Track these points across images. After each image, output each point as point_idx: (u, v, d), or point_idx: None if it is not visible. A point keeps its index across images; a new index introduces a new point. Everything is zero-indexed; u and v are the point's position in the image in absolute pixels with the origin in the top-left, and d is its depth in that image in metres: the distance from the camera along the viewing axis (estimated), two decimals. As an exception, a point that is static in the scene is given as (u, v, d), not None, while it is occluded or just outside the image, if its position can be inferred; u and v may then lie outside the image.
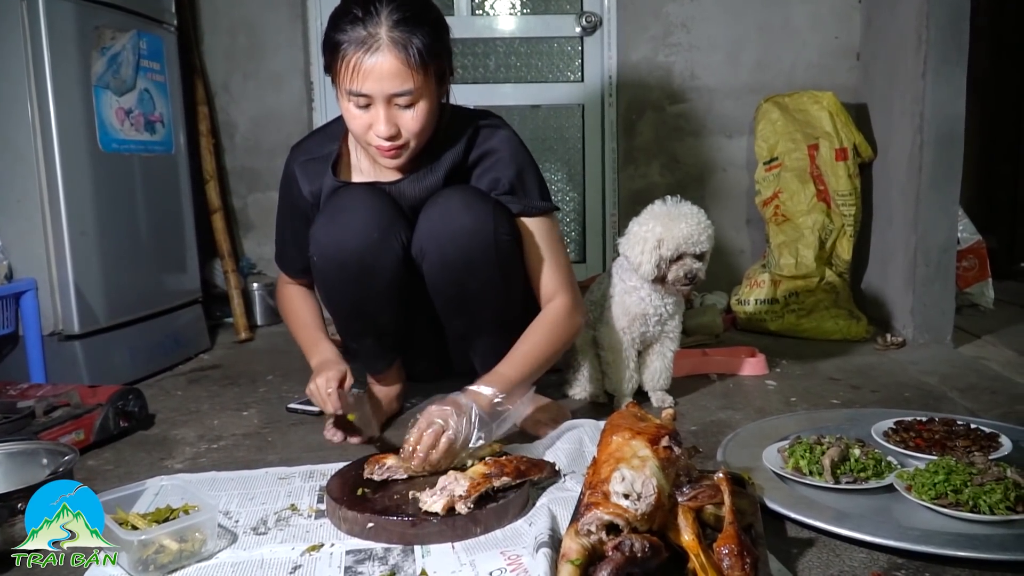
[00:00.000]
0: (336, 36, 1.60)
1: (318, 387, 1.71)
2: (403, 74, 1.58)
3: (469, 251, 1.70)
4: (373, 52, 1.56)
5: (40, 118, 2.20)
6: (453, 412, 1.51)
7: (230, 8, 3.30)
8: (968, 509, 1.31)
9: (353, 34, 1.57)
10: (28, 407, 1.79)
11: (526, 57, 3.46)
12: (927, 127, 2.63)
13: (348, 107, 1.64)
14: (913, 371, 2.39)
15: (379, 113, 1.62)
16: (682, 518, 1.20)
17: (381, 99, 1.60)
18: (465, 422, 1.51)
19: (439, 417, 1.51)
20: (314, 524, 1.42)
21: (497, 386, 1.62)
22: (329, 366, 1.74)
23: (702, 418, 1.99)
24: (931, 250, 2.68)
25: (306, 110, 3.36)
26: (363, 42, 1.57)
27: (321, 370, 1.74)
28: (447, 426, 1.50)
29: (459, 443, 1.50)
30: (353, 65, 1.57)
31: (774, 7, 3.29)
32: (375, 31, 1.56)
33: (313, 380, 1.73)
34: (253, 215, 3.43)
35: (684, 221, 1.92)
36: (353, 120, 1.65)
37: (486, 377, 1.67)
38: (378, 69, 1.57)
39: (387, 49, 1.57)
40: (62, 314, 2.29)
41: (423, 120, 1.66)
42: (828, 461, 1.46)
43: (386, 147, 1.66)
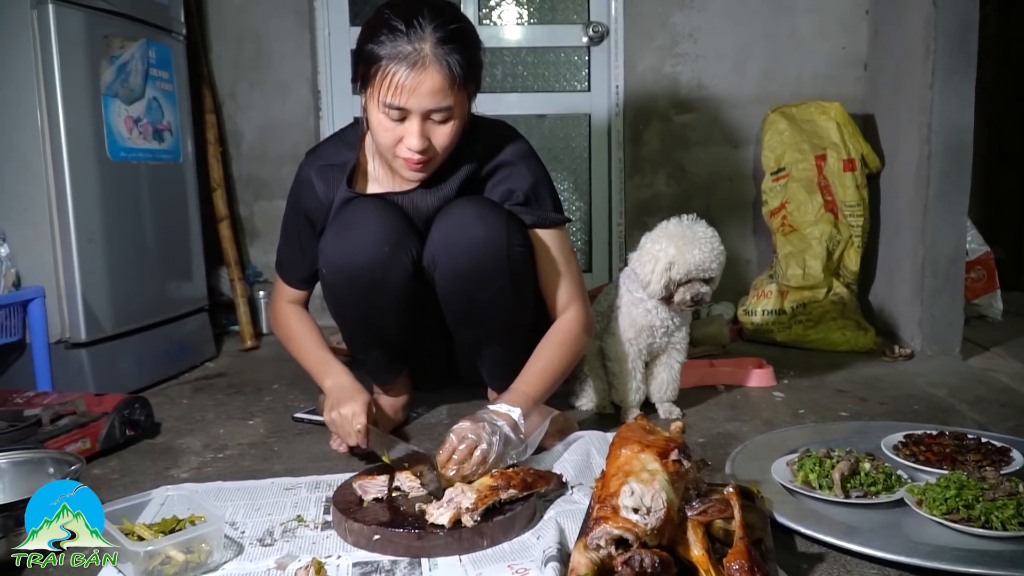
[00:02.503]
0: (375, 48, 1.58)
1: (343, 418, 1.69)
2: (445, 91, 1.58)
3: (482, 262, 1.69)
4: (418, 68, 1.55)
5: (49, 126, 2.21)
6: (485, 428, 1.51)
7: (238, 17, 3.31)
8: (980, 525, 1.30)
9: (395, 48, 1.56)
10: (35, 415, 1.79)
11: (533, 66, 3.46)
12: (935, 138, 2.63)
13: (380, 119, 1.63)
14: (921, 383, 2.38)
15: (413, 127, 1.61)
16: (691, 533, 1.19)
17: (418, 114, 1.60)
18: (497, 439, 1.51)
19: (472, 433, 1.51)
20: (320, 536, 1.41)
21: (519, 404, 1.61)
22: (351, 395, 1.72)
23: (709, 430, 1.98)
24: (939, 261, 2.67)
25: (313, 119, 3.36)
26: (407, 57, 1.55)
27: (341, 399, 1.71)
28: (480, 440, 1.49)
29: (490, 459, 1.50)
30: (395, 79, 1.56)
31: (781, 17, 3.30)
32: (420, 46, 1.56)
33: (333, 409, 1.70)
34: (259, 223, 3.43)
35: (698, 247, 1.91)
36: (384, 132, 1.64)
37: (506, 395, 1.66)
38: (422, 85, 1.56)
39: (432, 65, 1.56)
40: (69, 322, 2.29)
41: (454, 135, 1.66)
42: (838, 475, 1.45)
43: (415, 160, 1.66)
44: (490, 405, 1.63)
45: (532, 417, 1.62)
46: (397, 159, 1.68)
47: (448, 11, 1.62)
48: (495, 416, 1.56)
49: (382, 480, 1.48)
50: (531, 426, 1.61)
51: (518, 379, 1.72)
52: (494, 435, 1.51)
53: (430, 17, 1.57)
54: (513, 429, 1.55)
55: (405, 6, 1.60)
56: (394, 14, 1.59)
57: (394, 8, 1.61)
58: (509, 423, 1.56)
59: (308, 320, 1.96)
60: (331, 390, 1.76)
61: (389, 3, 1.64)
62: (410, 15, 1.57)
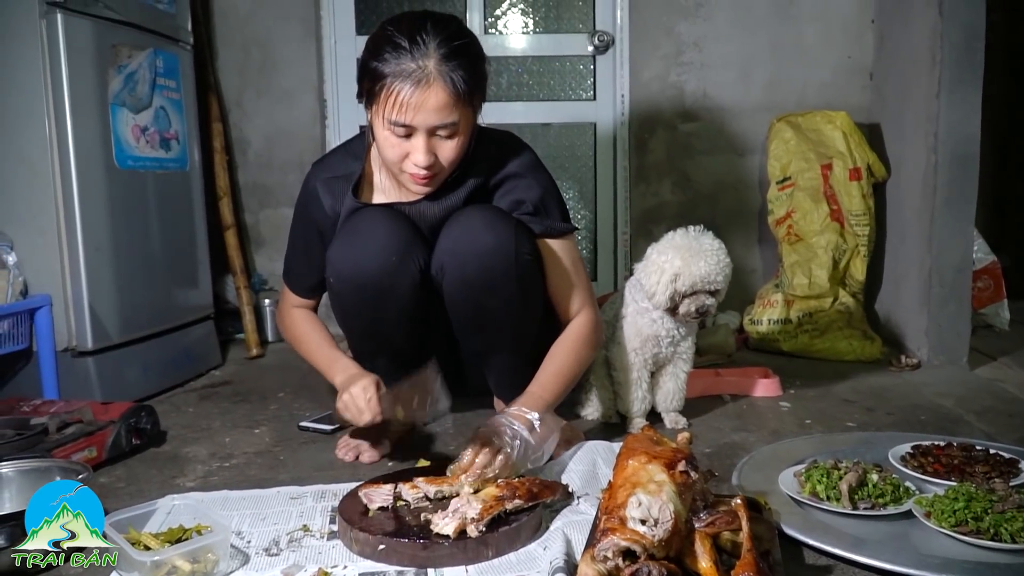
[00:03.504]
0: (379, 66, 1.58)
1: (353, 397, 1.67)
2: (450, 107, 1.59)
3: (490, 270, 1.69)
4: (422, 85, 1.56)
5: (57, 135, 2.22)
6: (506, 433, 1.52)
7: (244, 25, 3.32)
8: (989, 537, 1.30)
9: (399, 65, 1.56)
10: (41, 424, 1.79)
11: (538, 75, 3.47)
12: (941, 147, 2.62)
13: (386, 135, 1.63)
14: (928, 393, 2.37)
15: (419, 143, 1.61)
16: (699, 544, 1.19)
17: (424, 130, 1.60)
18: (518, 444, 1.52)
19: (494, 437, 1.52)
20: (326, 545, 1.41)
21: (536, 408, 1.62)
22: (359, 377, 1.72)
23: (716, 440, 1.97)
24: (946, 271, 2.67)
25: (319, 127, 3.37)
26: (411, 74, 1.56)
27: (350, 383, 1.71)
28: (502, 444, 1.51)
29: (511, 464, 1.51)
30: (400, 97, 1.56)
31: (786, 26, 3.30)
32: (424, 63, 1.56)
33: (345, 392, 1.69)
34: (265, 231, 3.44)
35: (704, 259, 1.90)
36: (391, 148, 1.64)
37: (522, 398, 1.67)
38: (427, 102, 1.56)
39: (436, 82, 1.56)
40: (76, 330, 2.30)
41: (460, 150, 1.66)
42: (846, 486, 1.45)
43: (421, 175, 1.66)
44: (508, 408, 1.64)
45: (546, 421, 1.63)
46: (404, 174, 1.68)
47: (451, 25, 1.63)
48: (514, 420, 1.57)
49: (387, 489, 1.48)
50: (545, 431, 1.61)
51: (532, 382, 1.72)
52: (515, 439, 1.52)
53: (434, 33, 1.57)
54: (531, 432, 1.56)
55: (408, 22, 1.60)
56: (397, 30, 1.59)
57: (397, 24, 1.61)
58: (527, 426, 1.57)
59: (316, 321, 1.96)
60: (343, 384, 1.75)
61: (392, 18, 1.64)
62: (413, 31, 1.57)
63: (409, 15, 1.65)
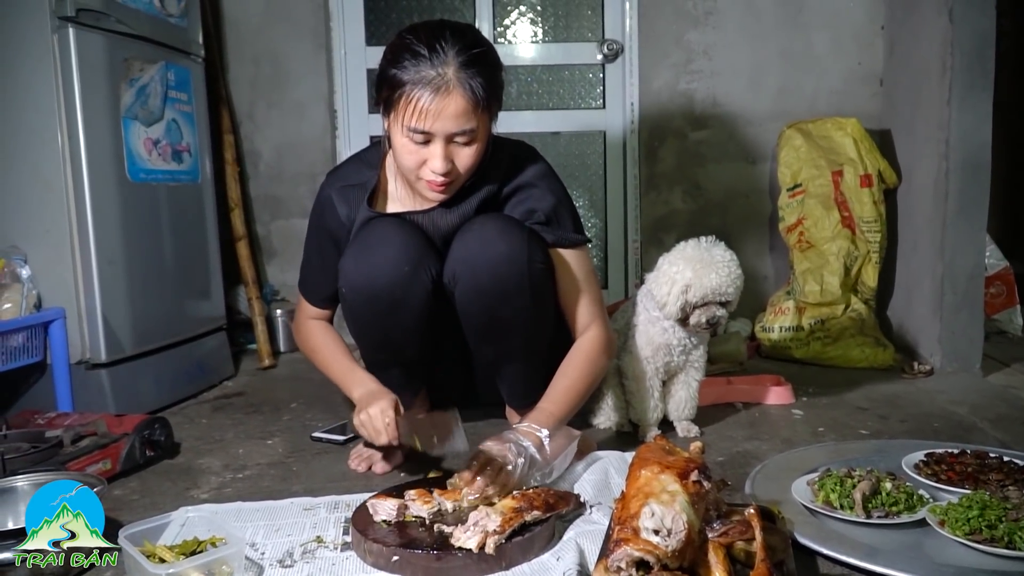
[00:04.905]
0: (398, 73, 1.60)
1: (371, 417, 1.67)
2: (468, 114, 1.60)
3: (503, 278, 1.69)
4: (442, 92, 1.57)
5: (70, 148, 2.23)
6: (511, 450, 1.52)
7: (255, 38, 3.34)
8: (1003, 545, 1.29)
9: (418, 72, 1.57)
10: (56, 436, 1.80)
11: (548, 84, 3.48)
12: (953, 154, 2.62)
13: (404, 142, 1.64)
14: (941, 400, 2.36)
15: (437, 150, 1.62)
16: (712, 555, 1.19)
17: (442, 137, 1.61)
18: (523, 461, 1.52)
19: (498, 453, 1.51)
20: (340, 556, 1.41)
21: (546, 424, 1.62)
22: (378, 396, 1.72)
23: (728, 449, 1.97)
24: (958, 277, 2.66)
25: (329, 138, 3.39)
26: (430, 81, 1.57)
27: (369, 400, 1.71)
28: (507, 461, 1.50)
29: (515, 480, 1.50)
30: (419, 103, 1.57)
31: (796, 33, 3.30)
32: (443, 71, 1.57)
33: (363, 411, 1.70)
34: (276, 242, 3.45)
35: (715, 271, 1.90)
36: (408, 155, 1.65)
37: (532, 414, 1.66)
38: (446, 109, 1.58)
39: (455, 90, 1.57)
40: (89, 343, 2.31)
41: (477, 156, 1.67)
42: (859, 495, 1.44)
43: (439, 183, 1.67)
44: (517, 424, 1.63)
45: (557, 438, 1.62)
46: (420, 181, 1.69)
47: (469, 34, 1.64)
48: (521, 436, 1.57)
49: (393, 503, 1.48)
50: (556, 447, 1.60)
51: (543, 399, 1.72)
52: (520, 456, 1.52)
53: (452, 41, 1.59)
54: (539, 450, 1.56)
55: (426, 30, 1.62)
56: (416, 39, 1.60)
57: (416, 32, 1.62)
58: (536, 443, 1.56)
59: (332, 333, 1.97)
60: (361, 399, 1.75)
61: (410, 27, 1.66)
62: (432, 39, 1.59)
63: (427, 24, 1.66)
